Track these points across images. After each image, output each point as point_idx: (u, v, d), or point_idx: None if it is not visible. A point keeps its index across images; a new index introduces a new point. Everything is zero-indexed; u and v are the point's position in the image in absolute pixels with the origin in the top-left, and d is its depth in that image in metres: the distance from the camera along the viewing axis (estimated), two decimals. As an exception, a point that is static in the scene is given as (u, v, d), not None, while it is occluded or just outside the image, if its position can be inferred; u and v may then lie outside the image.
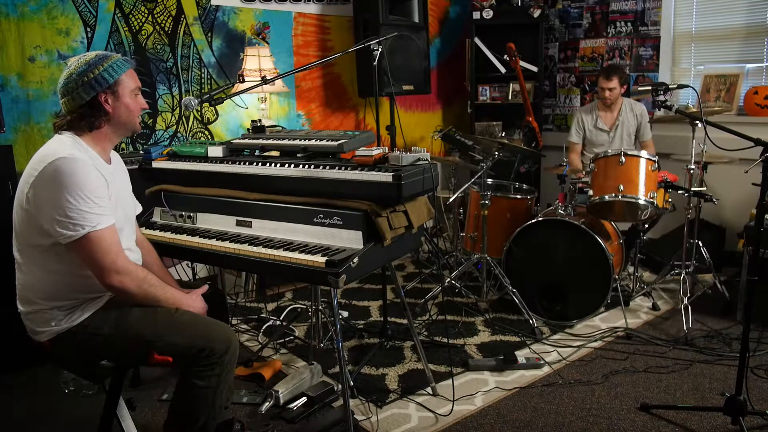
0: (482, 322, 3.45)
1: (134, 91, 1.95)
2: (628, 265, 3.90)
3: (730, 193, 4.16)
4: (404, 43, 4.39)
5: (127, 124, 1.95)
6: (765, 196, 2.14)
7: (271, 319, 3.50)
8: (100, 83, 1.85)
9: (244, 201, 2.38)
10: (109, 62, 1.87)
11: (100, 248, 1.75)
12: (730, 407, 2.26)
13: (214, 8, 3.97)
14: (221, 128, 4.11)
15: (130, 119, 1.95)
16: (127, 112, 1.93)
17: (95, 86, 1.84)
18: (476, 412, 2.53)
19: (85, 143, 1.88)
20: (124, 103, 1.91)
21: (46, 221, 1.74)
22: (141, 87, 1.99)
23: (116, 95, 1.89)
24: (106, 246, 1.76)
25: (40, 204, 1.74)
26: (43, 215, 1.74)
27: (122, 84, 1.90)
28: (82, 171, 1.74)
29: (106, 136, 1.94)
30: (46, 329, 1.84)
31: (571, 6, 5.10)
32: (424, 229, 2.98)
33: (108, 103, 1.88)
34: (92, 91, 1.85)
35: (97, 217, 1.75)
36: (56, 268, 1.81)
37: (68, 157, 1.74)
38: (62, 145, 1.81)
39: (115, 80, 1.88)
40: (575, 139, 4.21)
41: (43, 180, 1.74)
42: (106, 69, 1.86)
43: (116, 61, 1.89)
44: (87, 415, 2.52)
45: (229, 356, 1.88)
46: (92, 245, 1.75)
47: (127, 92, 1.91)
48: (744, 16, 4.23)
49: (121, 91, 1.90)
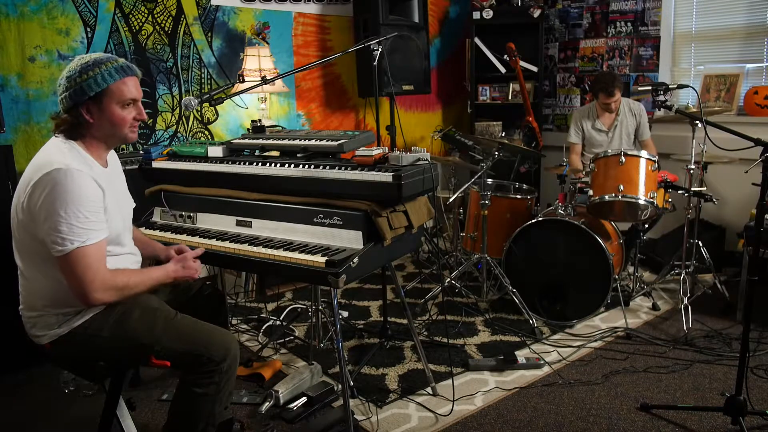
0: (482, 322, 3.45)
1: (125, 101, 1.81)
2: (628, 265, 3.90)
3: (730, 193, 4.16)
4: (404, 43, 4.39)
5: (114, 136, 1.85)
6: (765, 196, 2.14)
7: (271, 319, 3.49)
8: (84, 92, 1.75)
9: (244, 201, 2.38)
10: (98, 70, 1.76)
11: (82, 265, 1.70)
12: (730, 407, 2.26)
13: (214, 8, 3.97)
14: (221, 128, 4.10)
15: (116, 132, 1.84)
16: (110, 125, 1.81)
17: (77, 95, 1.76)
18: (476, 412, 2.53)
19: (80, 148, 1.83)
20: (107, 115, 1.80)
21: (40, 232, 1.72)
22: (138, 98, 1.86)
23: (101, 105, 1.78)
24: (88, 262, 1.71)
25: (34, 214, 1.72)
26: (36, 226, 1.72)
27: (108, 95, 1.78)
28: (77, 185, 1.70)
29: (96, 145, 1.86)
30: (47, 332, 1.84)
31: (571, 6, 5.10)
32: (424, 229, 2.98)
33: (90, 114, 1.79)
34: (72, 100, 1.77)
35: (87, 232, 1.71)
36: (57, 276, 1.77)
37: (64, 168, 1.69)
38: (59, 153, 1.76)
39: (102, 90, 1.76)
40: (575, 140, 4.21)
41: (37, 191, 1.70)
42: (90, 80, 1.75)
43: (107, 69, 1.77)
44: (87, 415, 2.52)
45: (227, 364, 1.84)
46: (76, 261, 1.70)
47: (114, 104, 1.79)
48: (744, 16, 4.23)
49: (106, 103, 1.78)
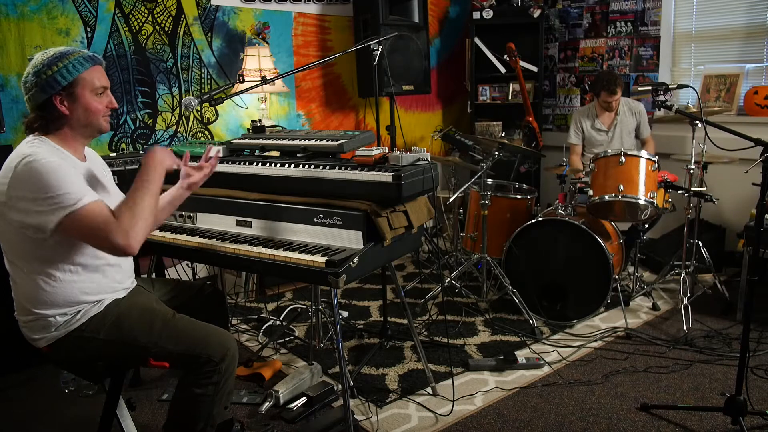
0: (482, 322, 3.45)
1: (96, 90, 1.82)
2: (628, 265, 3.90)
3: (730, 193, 4.16)
4: (404, 43, 4.39)
5: (89, 126, 1.85)
6: (765, 196, 2.14)
7: (271, 319, 3.49)
8: (53, 85, 1.75)
9: (244, 201, 2.37)
10: (66, 61, 1.76)
11: (88, 223, 1.66)
12: (730, 407, 2.26)
13: (214, 8, 3.97)
14: (221, 128, 4.10)
15: (92, 121, 1.84)
16: (86, 114, 1.81)
17: (47, 88, 1.75)
18: (476, 412, 2.53)
19: (54, 143, 1.81)
20: (82, 104, 1.80)
21: (29, 218, 1.68)
22: (107, 86, 1.86)
23: (73, 96, 1.78)
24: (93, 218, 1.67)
25: (19, 206, 1.69)
26: (24, 214, 1.69)
27: (81, 84, 1.78)
28: (52, 164, 1.67)
29: (72, 138, 1.84)
30: (44, 336, 1.83)
31: (571, 6, 5.10)
32: (424, 229, 2.97)
33: (63, 105, 1.78)
34: (44, 94, 1.75)
35: (73, 195, 1.66)
36: (48, 276, 1.77)
37: (32, 154, 1.68)
38: (30, 147, 1.74)
39: (71, 81, 1.76)
40: (575, 140, 4.21)
41: (15, 182, 1.68)
42: (61, 70, 1.75)
43: (75, 59, 1.78)
44: (87, 415, 2.52)
45: (226, 364, 1.83)
46: (79, 223, 1.66)
47: (87, 92, 1.80)
48: (744, 16, 4.23)
49: (79, 92, 1.78)
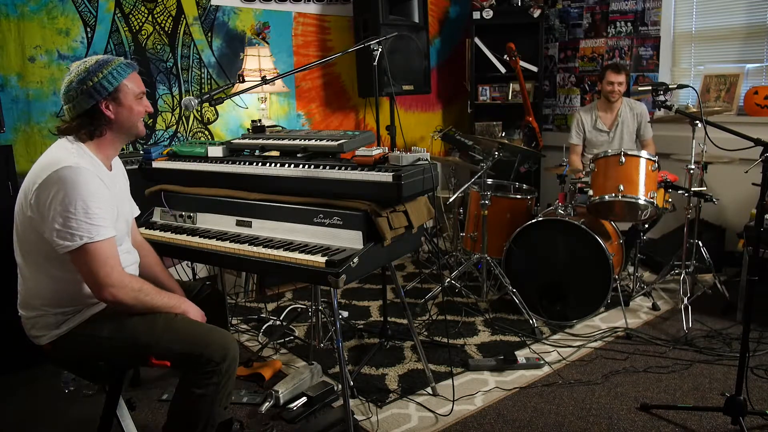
0: (482, 322, 3.45)
1: (137, 95, 1.92)
2: (628, 265, 3.90)
3: (730, 193, 4.16)
4: (404, 43, 4.39)
5: (131, 129, 1.94)
6: (765, 196, 2.14)
7: (271, 319, 3.49)
8: (100, 91, 1.83)
9: (244, 201, 2.37)
10: (109, 68, 1.84)
11: (96, 260, 1.73)
12: (730, 407, 2.26)
13: (214, 8, 3.97)
14: (221, 128, 4.10)
15: (134, 124, 1.93)
16: (129, 118, 1.91)
17: (95, 95, 1.82)
18: (476, 412, 2.53)
19: (89, 150, 1.87)
20: (126, 108, 1.89)
21: (47, 230, 1.73)
22: (145, 91, 1.97)
23: (118, 101, 1.87)
24: (102, 259, 1.74)
25: (43, 212, 1.73)
26: (44, 223, 1.73)
27: (124, 90, 1.87)
28: (86, 181, 1.73)
29: (110, 143, 1.93)
30: (46, 333, 1.84)
31: (571, 6, 5.10)
32: (424, 229, 2.98)
33: (109, 110, 1.86)
34: (92, 100, 1.83)
35: (96, 228, 1.73)
36: (59, 275, 1.80)
37: (73, 166, 1.73)
38: (67, 153, 1.79)
39: (116, 87, 1.85)
40: (575, 141, 4.21)
41: (46, 188, 1.72)
42: (106, 76, 1.83)
43: (117, 66, 1.86)
44: (87, 415, 2.52)
45: (227, 365, 1.84)
46: (89, 257, 1.73)
47: (130, 98, 1.89)
48: (744, 16, 4.23)
49: (122, 98, 1.87)
